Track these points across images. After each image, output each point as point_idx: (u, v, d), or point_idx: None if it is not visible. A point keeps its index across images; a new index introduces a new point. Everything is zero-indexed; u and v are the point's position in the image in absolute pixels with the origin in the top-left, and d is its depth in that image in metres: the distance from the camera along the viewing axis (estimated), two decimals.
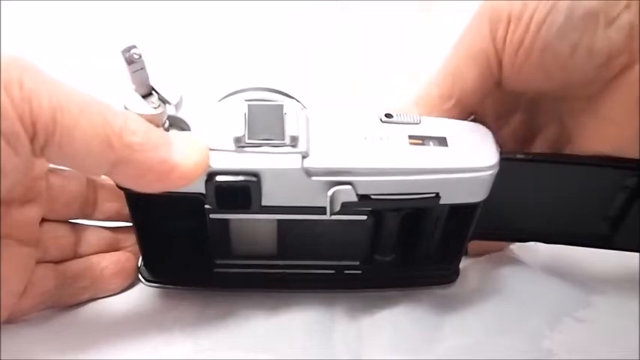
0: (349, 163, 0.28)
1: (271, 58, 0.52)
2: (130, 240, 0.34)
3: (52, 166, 0.31)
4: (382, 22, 0.55)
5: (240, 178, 0.28)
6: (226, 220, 0.32)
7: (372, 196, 0.29)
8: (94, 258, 0.33)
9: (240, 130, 0.27)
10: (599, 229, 0.34)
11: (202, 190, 0.28)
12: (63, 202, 0.32)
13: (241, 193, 0.28)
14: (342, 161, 0.28)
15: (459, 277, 0.35)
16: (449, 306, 0.34)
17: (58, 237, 0.32)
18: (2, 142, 0.23)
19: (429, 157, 0.29)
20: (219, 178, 0.27)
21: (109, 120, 0.25)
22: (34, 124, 0.23)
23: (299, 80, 0.47)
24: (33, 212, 0.30)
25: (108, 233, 0.34)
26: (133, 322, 0.32)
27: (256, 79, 0.34)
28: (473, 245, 0.35)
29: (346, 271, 0.35)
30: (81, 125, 0.24)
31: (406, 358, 0.31)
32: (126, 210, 0.31)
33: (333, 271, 0.35)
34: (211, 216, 0.31)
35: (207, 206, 0.30)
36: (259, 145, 0.28)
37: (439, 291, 0.35)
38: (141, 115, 0.26)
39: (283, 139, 0.28)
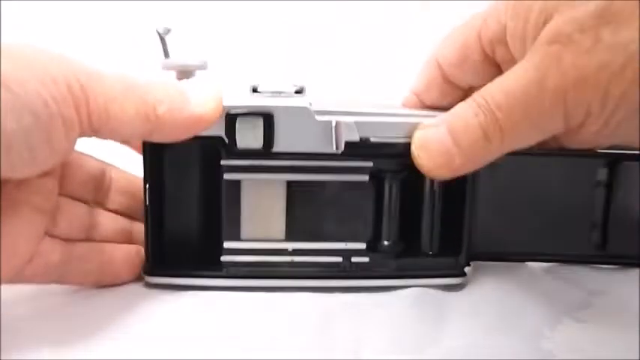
0: (352, 108, 0.33)
1: (271, 58, 0.52)
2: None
3: None
4: (383, 22, 0.55)
5: (256, 112, 0.32)
6: (238, 184, 0.34)
7: (372, 139, 0.32)
8: (105, 244, 0.34)
9: (256, 82, 0.34)
10: (590, 240, 0.35)
11: (221, 133, 0.32)
12: (79, 181, 0.34)
13: (257, 130, 0.32)
14: (345, 105, 0.33)
15: None
16: (449, 306, 0.34)
17: (73, 215, 0.34)
18: (60, 123, 0.26)
19: (427, 112, 0.34)
20: (235, 112, 0.32)
21: (146, 100, 0.29)
22: (89, 116, 0.27)
23: (299, 80, 0.48)
24: (50, 183, 0.32)
25: (124, 222, 0.36)
26: (134, 322, 0.32)
27: (256, 79, 0.34)
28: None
29: (353, 259, 0.36)
30: (127, 112, 0.29)
31: (406, 358, 0.31)
32: (136, 206, 0.33)
33: (340, 259, 0.36)
34: (225, 176, 0.34)
35: (222, 162, 0.34)
36: (272, 94, 0.33)
37: (440, 291, 0.36)
38: (179, 67, 0.33)
39: (292, 92, 0.34)
